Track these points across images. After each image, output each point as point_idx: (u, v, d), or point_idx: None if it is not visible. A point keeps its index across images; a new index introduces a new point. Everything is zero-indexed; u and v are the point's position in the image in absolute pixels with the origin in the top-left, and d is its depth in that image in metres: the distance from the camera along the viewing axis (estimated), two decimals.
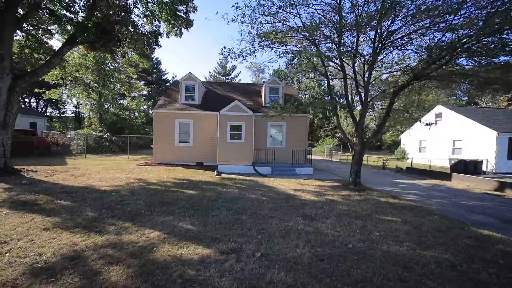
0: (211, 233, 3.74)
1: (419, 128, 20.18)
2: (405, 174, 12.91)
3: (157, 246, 3.20)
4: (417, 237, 3.94)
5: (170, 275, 2.55)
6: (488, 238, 4.08)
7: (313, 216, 4.86)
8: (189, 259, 2.91)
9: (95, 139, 18.99)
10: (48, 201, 4.98)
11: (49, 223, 3.81)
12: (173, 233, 3.67)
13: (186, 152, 12.80)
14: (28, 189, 5.82)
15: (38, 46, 10.96)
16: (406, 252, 3.32)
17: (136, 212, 4.59)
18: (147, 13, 12.53)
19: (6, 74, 6.96)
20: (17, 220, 3.90)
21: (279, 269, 2.76)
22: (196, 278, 2.53)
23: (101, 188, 6.34)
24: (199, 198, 5.84)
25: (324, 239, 3.68)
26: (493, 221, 5.27)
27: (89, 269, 2.60)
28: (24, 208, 4.49)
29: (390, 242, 3.68)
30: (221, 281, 2.48)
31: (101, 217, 4.20)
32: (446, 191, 8.58)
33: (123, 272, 2.57)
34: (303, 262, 2.94)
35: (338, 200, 6.37)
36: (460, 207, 6.30)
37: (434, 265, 2.97)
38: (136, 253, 3.00)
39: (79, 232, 3.54)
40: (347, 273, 2.72)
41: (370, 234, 4.00)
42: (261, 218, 4.55)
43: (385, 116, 8.34)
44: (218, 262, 2.86)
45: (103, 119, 20.19)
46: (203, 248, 3.23)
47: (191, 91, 13.60)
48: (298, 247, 3.37)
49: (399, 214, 5.29)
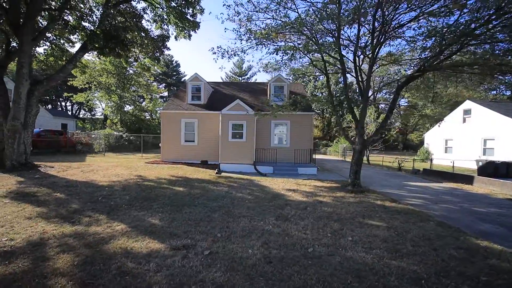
0: (173, 229, 3.79)
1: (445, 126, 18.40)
2: (421, 176, 11.82)
3: (115, 238, 3.33)
4: (394, 244, 3.57)
5: (110, 266, 2.64)
6: (483, 250, 3.55)
7: (289, 217, 4.68)
8: (137, 253, 2.98)
9: (115, 139, 20.45)
10: (46, 193, 5.48)
11: (34, 213, 4.19)
12: (138, 227, 3.79)
13: (191, 151, 13.18)
14: (36, 183, 6.47)
15: (61, 54, 12.15)
16: (370, 261, 3.03)
17: (117, 206, 4.84)
18: (155, 18, 13.17)
19: (25, 80, 7.81)
20: (10, 209, 4.35)
21: (219, 268, 2.69)
22: (132, 270, 2.58)
23: (99, 183, 6.80)
24: (183, 195, 5.97)
25: (286, 241, 3.52)
26: (503, 231, 4.58)
27: (42, 256, 2.80)
28: (23, 199, 5.00)
29: (358, 248, 3.39)
30: (154, 276, 2.50)
31: (82, 210, 4.51)
32: (461, 195, 7.67)
33: (69, 260, 2.72)
34: (247, 263, 2.83)
35: (327, 202, 6.05)
36: (469, 214, 5.59)
37: (394, 277, 2.66)
38: (92, 243, 3.16)
39: (55, 222, 3.83)
40: (288, 278, 2.56)
41: (341, 238, 3.72)
42: (233, 217, 4.50)
43: (388, 113, 7.72)
44: (163, 257, 2.89)
45: (123, 120, 21.70)
46: (157, 243, 3.28)
47: (197, 92, 13.96)
48: (253, 247, 3.26)
49: (388, 218, 4.85)
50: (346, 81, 8.11)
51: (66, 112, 30.57)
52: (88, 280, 2.38)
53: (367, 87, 7.69)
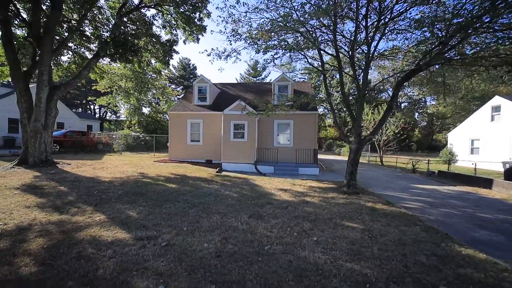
0: (145, 221, 4.03)
1: (471, 125, 16.83)
2: (435, 179, 10.94)
3: (89, 227, 3.65)
4: (359, 247, 3.43)
5: (72, 250, 2.92)
6: (461, 258, 3.27)
7: (263, 215, 4.70)
8: (102, 240, 3.24)
9: (133, 139, 21.86)
10: (52, 187, 6.12)
11: (34, 203, 4.72)
12: (115, 218, 4.10)
13: (197, 150, 13.64)
14: (49, 177, 7.23)
15: (81, 61, 13.34)
16: (322, 261, 2.96)
17: (106, 199, 5.25)
18: (164, 24, 13.87)
19: (44, 86, 8.76)
20: (16, 199, 4.95)
21: (167, 259, 2.84)
22: (89, 255, 2.83)
23: (102, 179, 7.39)
24: (171, 192, 6.26)
25: (247, 238, 3.56)
26: (500, 239, 4.15)
27: (22, 238, 3.19)
28: (31, 191, 5.64)
29: (318, 248, 3.32)
30: (107, 261, 2.72)
31: (75, 201, 4.97)
32: (471, 200, 7.01)
33: (42, 243, 3.07)
34: (196, 255, 2.95)
35: (313, 202, 5.93)
36: (469, 220, 5.13)
37: (338, 279, 2.59)
38: (67, 231, 3.50)
39: (47, 211, 4.30)
40: (228, 272, 2.62)
41: (305, 238, 3.67)
42: (207, 213, 4.64)
43: (387, 110, 7.32)
44: (123, 246, 3.11)
45: (140, 121, 23.15)
46: (125, 233, 3.54)
47: (203, 93, 14.42)
48: (210, 242, 3.37)
49: (370, 221, 4.64)
50: (342, 78, 7.84)
51: (91, 114, 33.49)
52: (48, 261, 2.67)
53: (363, 84, 7.37)
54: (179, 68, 47.22)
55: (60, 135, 16.16)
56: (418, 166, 13.43)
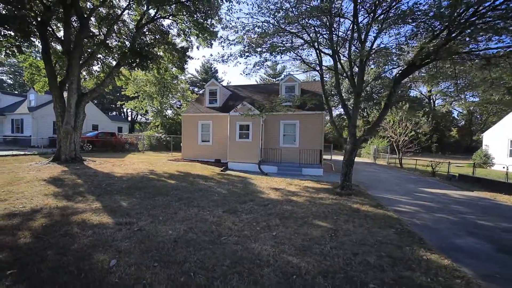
0: (131, 210, 4.62)
1: (510, 124, 14.91)
2: (454, 183, 9.98)
3: (84, 212, 4.34)
4: (312, 243, 3.54)
5: (61, 229, 3.58)
6: (417, 262, 3.19)
7: (239, 211, 4.99)
8: (89, 223, 3.87)
9: (156, 139, 23.69)
10: (71, 180, 7.18)
11: (51, 192, 5.67)
12: (107, 207, 4.77)
13: (207, 150, 14.38)
14: (73, 172, 8.44)
15: (108, 70, 15.06)
16: (265, 253, 3.17)
17: (109, 191, 6.03)
18: (179, 32, 14.92)
19: (74, 93, 10.20)
20: (40, 188, 5.98)
21: (131, 240, 3.32)
22: (74, 234, 3.44)
23: (115, 175, 8.37)
24: (169, 187, 6.88)
25: (210, 229, 3.90)
26: (484, 247, 3.87)
27: (30, 218, 3.96)
28: (54, 182, 6.72)
29: (270, 242, 3.52)
30: (85, 239, 3.29)
31: (84, 192, 5.83)
32: (480, 206, 6.39)
33: (42, 222, 3.79)
34: (156, 239, 3.38)
35: (297, 201, 6.03)
36: (463, 227, 4.79)
37: (269, 268, 2.79)
38: (66, 214, 4.22)
39: (58, 199, 5.16)
40: (175, 254, 2.99)
41: (265, 233, 3.88)
42: (188, 206, 5.09)
43: (384, 109, 7.03)
44: (103, 228, 3.69)
45: (163, 122, 25.02)
46: (110, 218, 4.14)
47: (214, 95, 15.15)
48: (176, 230, 3.78)
49: (345, 221, 4.63)
50: (338, 77, 7.71)
51: (121, 117, 37.20)
52: (41, 235, 3.34)
53: (358, 83, 7.17)
54: (201, 72, 49.57)
55: (93, 136, 18.34)
56: (439, 169, 12.32)
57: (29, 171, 7.92)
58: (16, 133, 19.93)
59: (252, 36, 7.14)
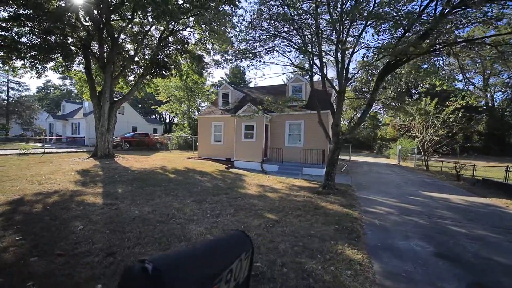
0: (121, 195, 5.75)
1: None
2: (471, 189, 8.78)
3: (86, 195, 5.62)
4: (238, 226, 4.01)
5: (64, 204, 4.82)
6: (321, 251, 3.39)
7: (206, 201, 5.69)
8: (84, 202, 5.07)
9: (184, 139, 26.11)
10: (95, 171, 8.90)
11: (75, 180, 7.28)
12: (105, 192, 6.01)
13: (219, 149, 15.48)
14: (102, 166, 10.34)
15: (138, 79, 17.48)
16: (195, 232, 3.80)
17: (117, 181, 7.39)
18: (196, 41, 16.41)
19: (106, 101, 12.39)
20: (70, 177, 7.69)
21: (103, 215, 4.33)
22: (70, 208, 4.63)
23: (131, 168, 9.96)
24: (165, 179, 7.99)
25: (168, 212, 4.70)
26: (423, 251, 3.80)
27: (49, 196, 5.37)
28: (82, 173, 8.48)
29: (206, 225, 4.14)
30: (73, 212, 4.44)
31: (97, 181, 7.30)
32: (474, 213, 5.79)
33: (55, 199, 5.13)
34: (122, 216, 4.33)
35: (268, 196, 6.43)
36: (422, 231, 4.61)
37: (184, 242, 3.41)
38: (73, 195, 5.55)
39: (76, 184, 6.66)
40: (125, 226, 3.86)
41: (211, 218, 4.51)
42: (167, 195, 6.01)
43: (366, 107, 6.84)
44: (92, 206, 4.83)
45: (190, 124, 27.42)
46: (102, 199, 5.30)
47: (226, 98, 16.19)
48: (142, 211, 4.69)
49: (296, 216, 4.93)
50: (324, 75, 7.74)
51: (156, 119, 41.84)
52: (48, 207, 4.61)
53: (339, 81, 7.13)
54: (230, 75, 51.86)
55: (130, 136, 21.37)
56: (464, 172, 10.87)
57: (70, 164, 10.05)
58: (74, 134, 24.56)
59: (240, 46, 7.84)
